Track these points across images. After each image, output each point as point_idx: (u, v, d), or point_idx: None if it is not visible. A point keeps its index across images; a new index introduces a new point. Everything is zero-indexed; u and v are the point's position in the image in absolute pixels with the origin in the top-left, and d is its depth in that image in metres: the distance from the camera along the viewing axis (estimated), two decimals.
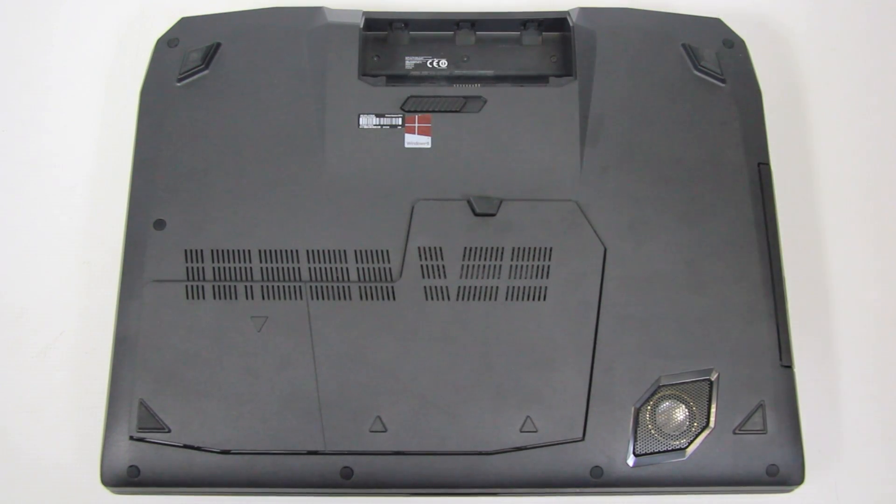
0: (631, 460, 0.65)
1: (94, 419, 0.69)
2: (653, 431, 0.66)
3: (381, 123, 0.72)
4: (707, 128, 0.72)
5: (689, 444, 0.65)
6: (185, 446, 0.65)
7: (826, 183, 0.78)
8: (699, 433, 0.66)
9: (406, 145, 0.72)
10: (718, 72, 0.74)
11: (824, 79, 0.81)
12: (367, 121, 0.72)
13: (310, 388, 0.66)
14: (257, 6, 0.77)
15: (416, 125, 0.72)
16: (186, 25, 0.76)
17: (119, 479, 0.65)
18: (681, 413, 0.66)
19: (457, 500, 0.68)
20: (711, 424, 0.66)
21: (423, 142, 0.72)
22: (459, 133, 0.72)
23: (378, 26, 0.76)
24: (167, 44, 0.75)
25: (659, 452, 0.65)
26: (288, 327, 0.67)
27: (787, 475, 0.65)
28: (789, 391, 0.67)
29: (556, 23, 0.76)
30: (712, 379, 0.66)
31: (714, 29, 0.76)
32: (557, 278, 0.68)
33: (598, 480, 0.65)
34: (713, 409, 0.66)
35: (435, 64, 0.76)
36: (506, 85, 0.74)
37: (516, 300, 0.67)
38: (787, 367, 0.67)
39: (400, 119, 0.72)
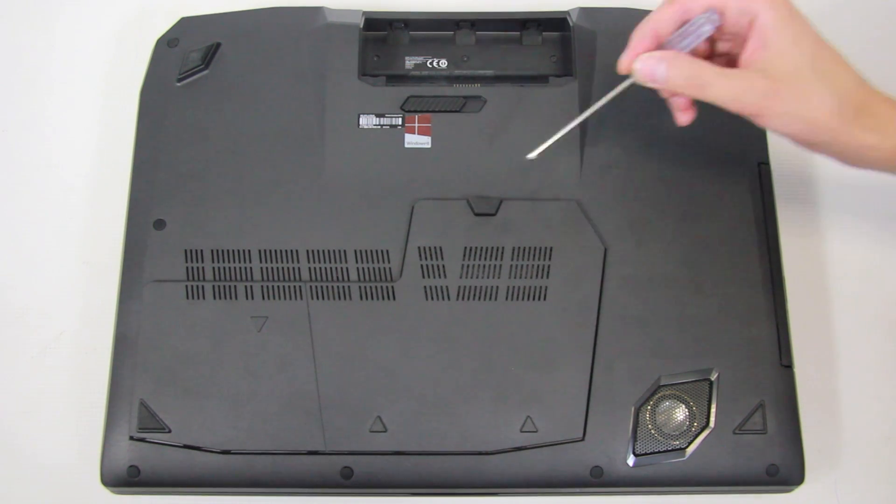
0: (631, 460, 0.65)
1: (94, 419, 0.69)
2: (653, 431, 0.66)
3: (381, 123, 0.72)
4: (707, 127, 0.72)
5: (689, 444, 0.65)
6: (186, 446, 0.65)
7: (826, 183, 0.78)
8: (699, 433, 0.66)
9: (406, 145, 0.72)
10: None
11: None
12: (367, 121, 0.72)
13: (310, 388, 0.66)
14: (257, 6, 0.77)
15: (416, 125, 0.72)
16: (186, 25, 0.76)
17: (119, 479, 0.65)
18: (681, 413, 0.66)
19: (457, 500, 0.68)
20: (711, 424, 0.66)
21: (423, 142, 0.72)
22: (459, 133, 0.72)
23: (378, 26, 0.76)
24: (167, 44, 0.75)
25: (659, 452, 0.65)
26: (288, 327, 0.67)
27: (787, 475, 0.65)
28: (789, 391, 0.67)
29: (556, 23, 0.76)
30: (712, 379, 0.66)
31: None
32: (557, 278, 0.68)
33: (598, 480, 0.65)
34: (713, 409, 0.66)
35: (435, 64, 0.76)
36: (506, 85, 0.74)
37: (516, 300, 0.67)
38: (787, 367, 0.67)
39: (400, 119, 0.72)
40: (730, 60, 0.65)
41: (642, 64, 0.63)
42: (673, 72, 0.62)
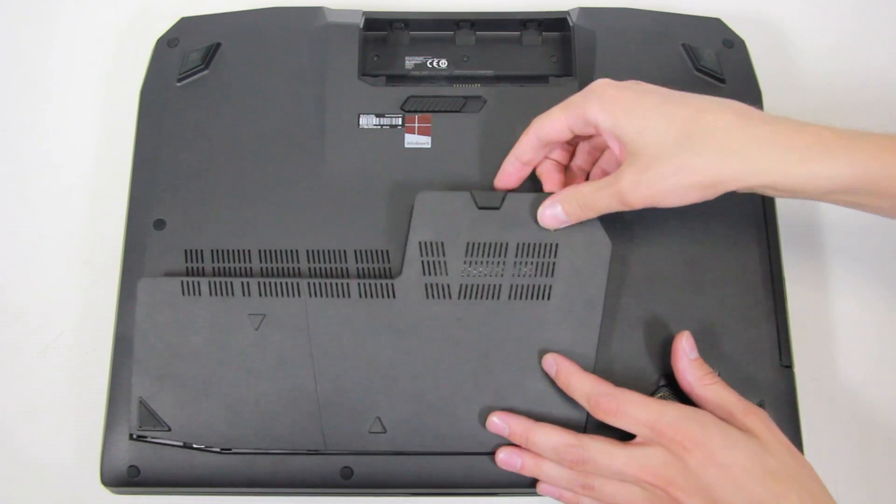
0: None
1: (94, 419, 0.69)
2: None
3: (381, 123, 0.72)
4: None
5: None
6: (185, 446, 0.65)
7: None
8: None
9: (406, 145, 0.72)
10: (718, 72, 0.74)
11: (824, 78, 0.81)
12: (367, 121, 0.72)
13: (309, 387, 0.65)
14: (257, 6, 0.77)
15: (416, 125, 0.72)
16: (186, 25, 0.76)
17: (119, 479, 0.65)
18: None
19: (457, 500, 0.68)
20: None
21: (423, 142, 0.72)
22: (459, 133, 0.72)
23: (378, 26, 0.76)
24: (167, 44, 0.75)
25: None
26: (286, 326, 0.66)
27: None
28: (789, 391, 0.67)
29: (556, 23, 0.76)
30: None
31: (714, 29, 0.76)
32: (563, 276, 0.67)
33: None
34: None
35: (435, 64, 0.76)
36: (506, 85, 0.74)
37: (520, 299, 0.67)
38: (787, 367, 0.67)
39: (400, 119, 0.72)
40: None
41: (547, 215, 0.66)
42: (566, 206, 0.65)
